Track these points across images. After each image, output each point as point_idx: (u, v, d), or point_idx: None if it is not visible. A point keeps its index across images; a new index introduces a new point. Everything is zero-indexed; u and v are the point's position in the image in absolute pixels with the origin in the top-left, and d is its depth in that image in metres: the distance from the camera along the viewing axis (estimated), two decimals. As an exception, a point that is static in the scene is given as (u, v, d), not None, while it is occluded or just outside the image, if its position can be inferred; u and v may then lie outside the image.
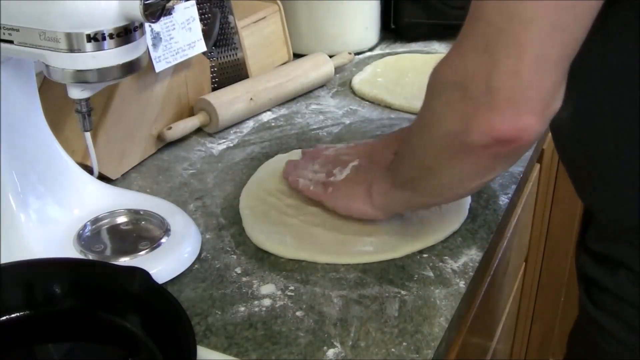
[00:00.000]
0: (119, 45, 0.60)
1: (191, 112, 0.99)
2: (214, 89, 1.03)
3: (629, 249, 0.65)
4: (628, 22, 0.57)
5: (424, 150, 0.63)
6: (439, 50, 1.31)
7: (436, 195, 0.69)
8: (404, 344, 0.62)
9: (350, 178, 0.77)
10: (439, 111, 0.58)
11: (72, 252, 0.70)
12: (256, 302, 0.67)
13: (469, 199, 0.81)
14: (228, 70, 1.07)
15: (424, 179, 0.66)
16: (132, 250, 0.71)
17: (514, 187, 0.85)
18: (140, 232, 0.75)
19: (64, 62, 0.60)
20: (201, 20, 0.98)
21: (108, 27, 0.59)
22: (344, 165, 0.78)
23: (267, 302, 0.67)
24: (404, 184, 0.69)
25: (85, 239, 0.73)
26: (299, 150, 0.93)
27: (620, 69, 0.59)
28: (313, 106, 1.08)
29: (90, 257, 0.70)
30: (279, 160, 0.89)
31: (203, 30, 0.97)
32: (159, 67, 0.89)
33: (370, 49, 1.31)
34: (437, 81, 0.58)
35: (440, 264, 0.72)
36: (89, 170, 0.81)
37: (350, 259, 0.72)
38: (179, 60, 0.93)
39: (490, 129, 0.53)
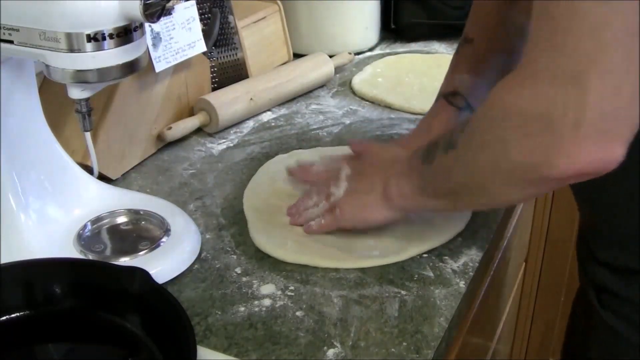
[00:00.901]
0: (119, 45, 0.60)
1: (191, 112, 0.99)
2: (214, 89, 1.03)
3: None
4: None
5: (484, 173, 0.60)
6: (439, 50, 1.31)
7: (472, 207, 0.67)
8: (404, 344, 0.62)
9: (353, 189, 0.74)
10: (512, 141, 0.54)
11: (72, 252, 0.70)
12: (256, 302, 0.67)
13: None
14: (228, 70, 1.07)
15: (469, 195, 0.64)
16: (132, 250, 0.71)
17: (514, 187, 0.85)
18: (140, 232, 0.75)
19: (64, 62, 0.60)
20: (201, 20, 0.98)
21: (108, 27, 0.59)
22: (336, 178, 0.75)
23: (267, 302, 0.67)
24: (438, 194, 0.67)
25: (85, 239, 0.73)
26: (300, 151, 0.93)
27: None
28: (313, 106, 1.08)
29: (90, 257, 0.70)
30: (280, 161, 0.89)
31: (203, 30, 0.97)
32: (159, 67, 0.89)
33: (370, 49, 1.31)
34: (509, 109, 0.54)
35: (440, 264, 0.72)
36: (89, 170, 0.81)
37: (354, 264, 0.71)
38: (179, 60, 0.93)
39: (576, 162, 0.51)
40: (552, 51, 0.50)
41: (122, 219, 0.76)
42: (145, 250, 0.71)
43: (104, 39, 0.59)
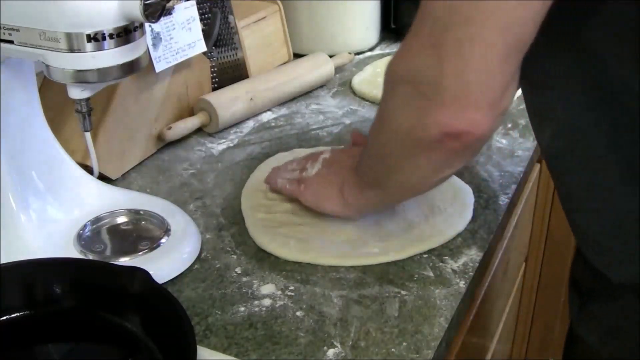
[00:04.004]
0: (119, 45, 0.60)
1: (191, 112, 0.99)
2: (214, 89, 1.03)
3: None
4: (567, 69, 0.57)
5: (383, 147, 0.64)
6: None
7: (400, 192, 0.69)
8: (404, 344, 0.62)
9: (322, 175, 0.77)
10: (393, 107, 0.59)
11: (72, 252, 0.70)
12: (256, 302, 0.67)
13: (472, 201, 0.81)
14: (228, 70, 1.07)
15: (386, 177, 0.66)
16: (132, 250, 0.71)
17: (514, 187, 0.85)
18: (140, 232, 0.75)
19: (64, 62, 0.60)
20: (201, 20, 0.98)
21: (108, 27, 0.59)
22: (316, 159, 0.79)
23: (267, 302, 0.67)
24: (370, 182, 0.70)
25: (85, 239, 0.73)
26: (300, 150, 0.93)
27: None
28: (313, 106, 1.08)
29: (90, 257, 0.70)
30: (280, 159, 0.89)
31: (203, 30, 0.97)
32: (159, 67, 0.89)
33: (371, 49, 1.31)
34: (391, 76, 0.59)
35: (440, 264, 0.72)
36: (89, 170, 0.81)
37: (355, 262, 0.71)
38: (179, 60, 0.93)
39: (441, 124, 0.54)
40: (422, 19, 0.54)
41: (122, 219, 0.76)
42: (145, 250, 0.71)
43: (104, 39, 0.59)
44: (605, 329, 0.66)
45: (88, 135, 0.78)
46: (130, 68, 0.63)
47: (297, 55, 1.20)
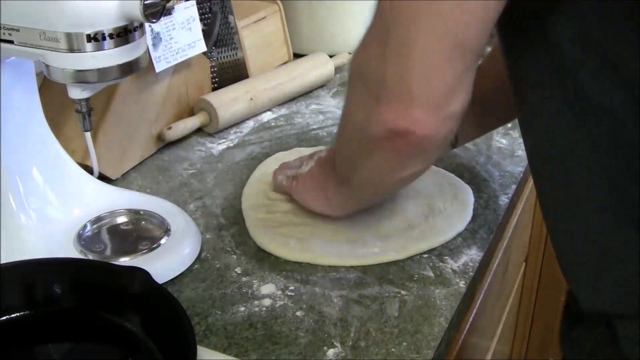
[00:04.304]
0: (119, 45, 0.60)
1: (191, 112, 0.99)
2: (214, 89, 1.03)
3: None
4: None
5: (345, 143, 0.65)
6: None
7: (365, 189, 0.69)
8: (404, 344, 0.62)
9: (312, 172, 0.77)
10: (350, 103, 0.60)
11: (72, 252, 0.70)
12: (256, 302, 0.67)
13: (472, 201, 0.81)
14: (228, 70, 1.07)
15: (352, 174, 0.67)
16: (132, 250, 0.71)
17: (514, 187, 0.85)
18: (140, 232, 0.75)
19: (64, 62, 0.60)
20: (201, 20, 0.98)
21: (108, 27, 0.59)
22: (312, 157, 0.79)
23: (267, 302, 0.67)
24: (342, 180, 0.70)
25: (85, 239, 0.73)
26: (301, 149, 0.93)
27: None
28: (313, 106, 1.08)
29: (90, 257, 0.70)
30: (279, 158, 0.89)
31: (203, 30, 0.97)
32: (159, 67, 0.89)
33: (370, 49, 1.30)
34: (349, 71, 0.59)
35: (440, 264, 0.72)
36: (89, 170, 0.81)
37: (355, 262, 0.71)
38: (179, 60, 0.93)
39: (385, 122, 0.54)
40: (374, 16, 0.54)
41: (122, 219, 0.76)
42: (145, 250, 0.71)
43: (104, 39, 0.59)
44: (585, 356, 0.65)
45: (88, 135, 0.78)
46: (130, 68, 0.62)
47: (297, 55, 1.20)
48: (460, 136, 0.79)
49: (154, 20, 0.60)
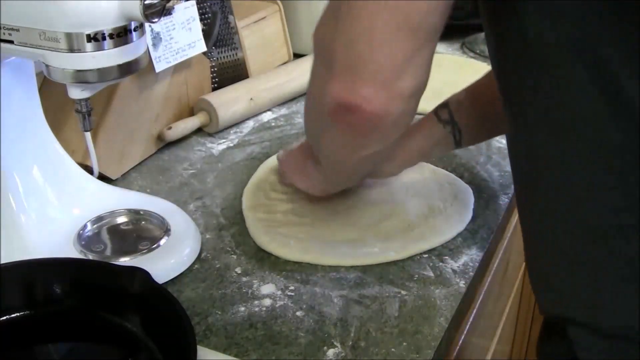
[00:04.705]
0: (119, 45, 0.60)
1: (191, 112, 0.99)
2: (214, 89, 1.03)
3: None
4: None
5: (306, 117, 0.67)
6: (438, 50, 1.29)
7: (332, 167, 0.69)
8: (404, 344, 0.62)
9: (297, 150, 0.79)
10: (311, 76, 0.61)
11: (72, 252, 0.70)
12: (256, 302, 0.67)
13: (472, 201, 0.81)
14: (228, 70, 1.07)
15: (316, 150, 0.68)
16: (132, 250, 0.71)
17: (514, 187, 0.85)
18: (140, 232, 0.75)
19: (64, 62, 0.60)
20: (201, 20, 0.98)
21: (108, 27, 0.59)
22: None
23: (267, 302, 0.67)
24: (317, 159, 0.71)
25: (85, 239, 0.73)
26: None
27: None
28: (313, 106, 1.08)
29: (90, 257, 0.70)
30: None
31: (203, 30, 0.97)
32: (159, 67, 0.89)
33: (370, 49, 1.30)
34: (313, 43, 0.59)
35: (440, 264, 0.72)
36: (89, 170, 0.81)
37: (355, 262, 0.71)
38: (179, 60, 0.93)
39: (333, 95, 0.54)
40: None
41: (122, 219, 0.76)
42: (145, 250, 0.71)
43: (104, 39, 0.59)
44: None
45: (88, 135, 0.78)
46: (130, 68, 0.63)
47: (297, 55, 1.20)
48: (466, 137, 0.79)
49: (154, 20, 0.60)
